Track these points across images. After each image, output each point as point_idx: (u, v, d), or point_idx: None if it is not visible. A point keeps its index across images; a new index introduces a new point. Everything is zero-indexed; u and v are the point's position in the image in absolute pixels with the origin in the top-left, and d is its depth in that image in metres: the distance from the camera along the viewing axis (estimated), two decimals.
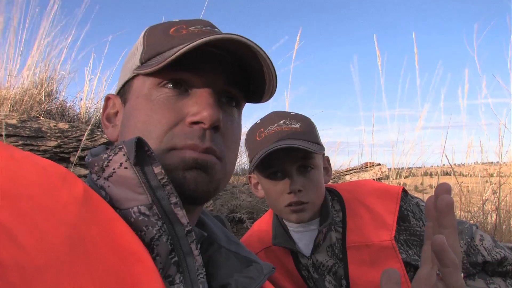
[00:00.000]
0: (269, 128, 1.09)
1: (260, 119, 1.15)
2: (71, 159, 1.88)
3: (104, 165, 0.51)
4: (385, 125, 3.33)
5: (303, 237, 1.13)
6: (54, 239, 0.35)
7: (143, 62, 0.61)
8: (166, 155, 0.55)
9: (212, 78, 0.59)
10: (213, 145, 0.56)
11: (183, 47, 0.53)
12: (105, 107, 0.68)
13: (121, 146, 0.50)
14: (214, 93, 0.58)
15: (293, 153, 1.04)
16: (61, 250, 0.35)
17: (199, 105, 0.56)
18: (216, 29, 0.66)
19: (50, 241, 0.35)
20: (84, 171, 1.84)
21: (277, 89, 0.63)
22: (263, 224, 1.24)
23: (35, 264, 0.33)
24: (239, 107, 0.66)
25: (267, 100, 0.65)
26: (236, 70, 0.61)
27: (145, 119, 0.57)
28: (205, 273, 0.52)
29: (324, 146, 1.15)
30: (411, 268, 1.08)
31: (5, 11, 2.60)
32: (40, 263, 0.33)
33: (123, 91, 0.65)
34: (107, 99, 0.68)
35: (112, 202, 0.50)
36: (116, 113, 0.66)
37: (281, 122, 1.09)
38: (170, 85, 0.58)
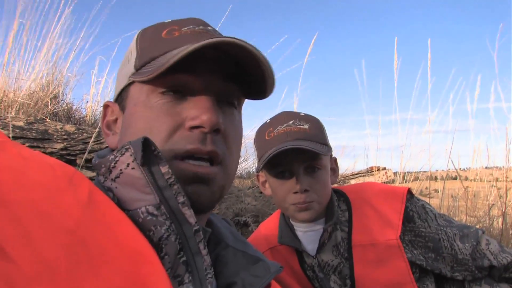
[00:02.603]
0: (278, 128, 1.10)
1: (270, 119, 1.16)
2: (78, 161, 1.89)
3: (111, 166, 0.51)
4: (391, 129, 3.33)
5: (308, 237, 1.14)
6: (49, 248, 0.35)
7: (138, 68, 0.60)
8: (169, 164, 0.54)
9: (209, 78, 0.58)
10: (216, 149, 0.55)
11: (178, 54, 0.52)
12: (104, 114, 0.67)
13: (128, 147, 0.50)
14: (213, 95, 0.58)
15: (301, 154, 1.04)
16: (56, 259, 0.35)
17: (197, 109, 0.55)
18: (209, 28, 0.65)
19: (44, 251, 0.34)
20: (90, 174, 1.85)
21: (275, 87, 0.61)
22: (270, 225, 1.25)
23: (25, 276, 0.32)
24: (239, 105, 0.65)
25: (268, 96, 0.64)
26: (233, 68, 0.60)
27: (145, 126, 0.57)
28: (213, 272, 0.53)
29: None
30: (416, 268, 1.09)
31: (20, 17, 2.64)
32: (31, 274, 0.33)
33: (121, 98, 0.64)
34: (106, 106, 0.67)
35: (120, 204, 0.50)
36: (115, 120, 0.65)
37: (290, 122, 1.10)
38: (167, 90, 0.57)
